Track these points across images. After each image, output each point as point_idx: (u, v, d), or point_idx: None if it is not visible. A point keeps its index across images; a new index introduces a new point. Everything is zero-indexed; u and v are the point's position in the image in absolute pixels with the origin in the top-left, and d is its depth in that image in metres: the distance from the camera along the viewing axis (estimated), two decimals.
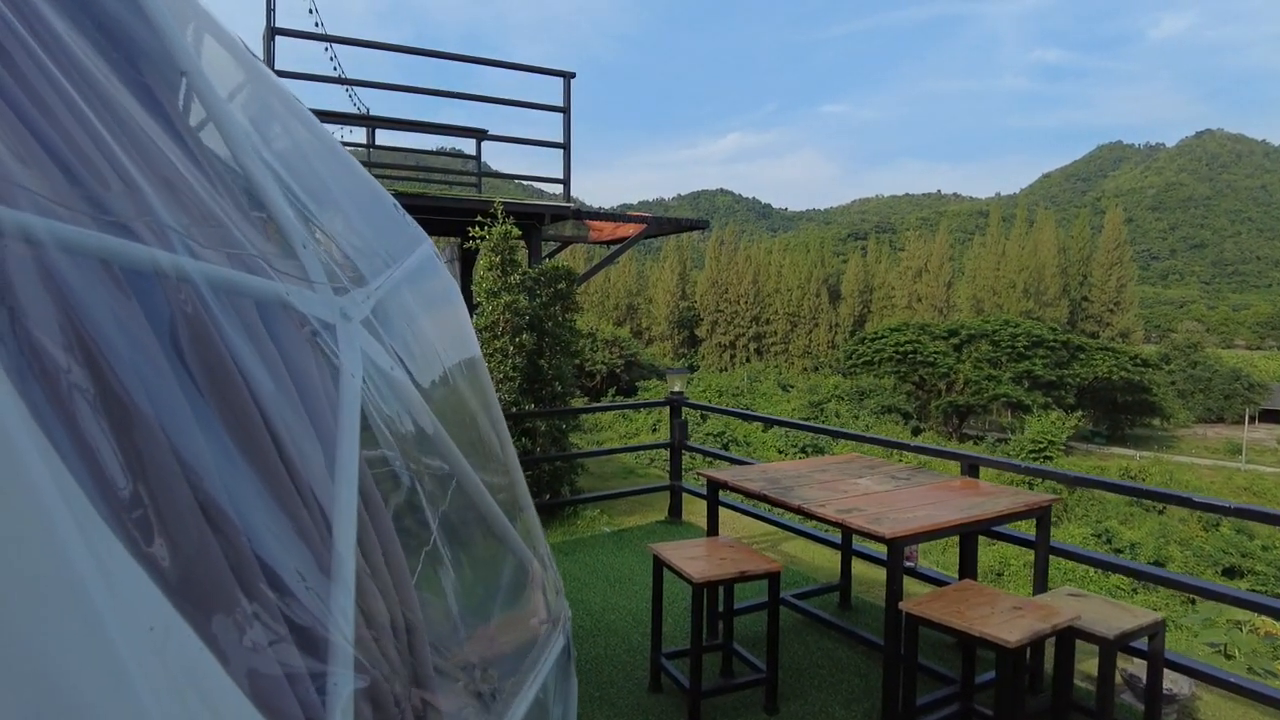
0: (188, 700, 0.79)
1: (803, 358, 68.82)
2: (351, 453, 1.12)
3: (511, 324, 6.97)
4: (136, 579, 0.79)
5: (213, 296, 1.01)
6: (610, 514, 7.02)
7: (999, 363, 44.47)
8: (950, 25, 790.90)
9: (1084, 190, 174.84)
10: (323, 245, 1.34)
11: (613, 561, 5.44)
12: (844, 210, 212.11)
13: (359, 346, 1.23)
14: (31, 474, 0.73)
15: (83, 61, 1.08)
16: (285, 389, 1.05)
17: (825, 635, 4.24)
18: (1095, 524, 25.17)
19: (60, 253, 0.86)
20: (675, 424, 6.60)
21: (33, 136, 0.94)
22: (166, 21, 1.28)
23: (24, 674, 0.70)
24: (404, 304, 1.55)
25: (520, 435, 7.03)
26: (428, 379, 1.49)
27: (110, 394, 0.86)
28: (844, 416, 40.33)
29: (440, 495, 1.38)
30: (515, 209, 7.69)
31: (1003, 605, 2.99)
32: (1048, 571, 3.68)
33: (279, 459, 1.01)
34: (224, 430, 0.95)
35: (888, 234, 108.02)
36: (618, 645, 4.12)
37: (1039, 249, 64.21)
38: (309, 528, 1.01)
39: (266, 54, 6.50)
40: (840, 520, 3.28)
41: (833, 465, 4.36)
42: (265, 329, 1.07)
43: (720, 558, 3.56)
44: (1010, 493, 3.75)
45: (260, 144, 1.36)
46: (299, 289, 1.17)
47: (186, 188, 1.09)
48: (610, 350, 49.29)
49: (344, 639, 0.98)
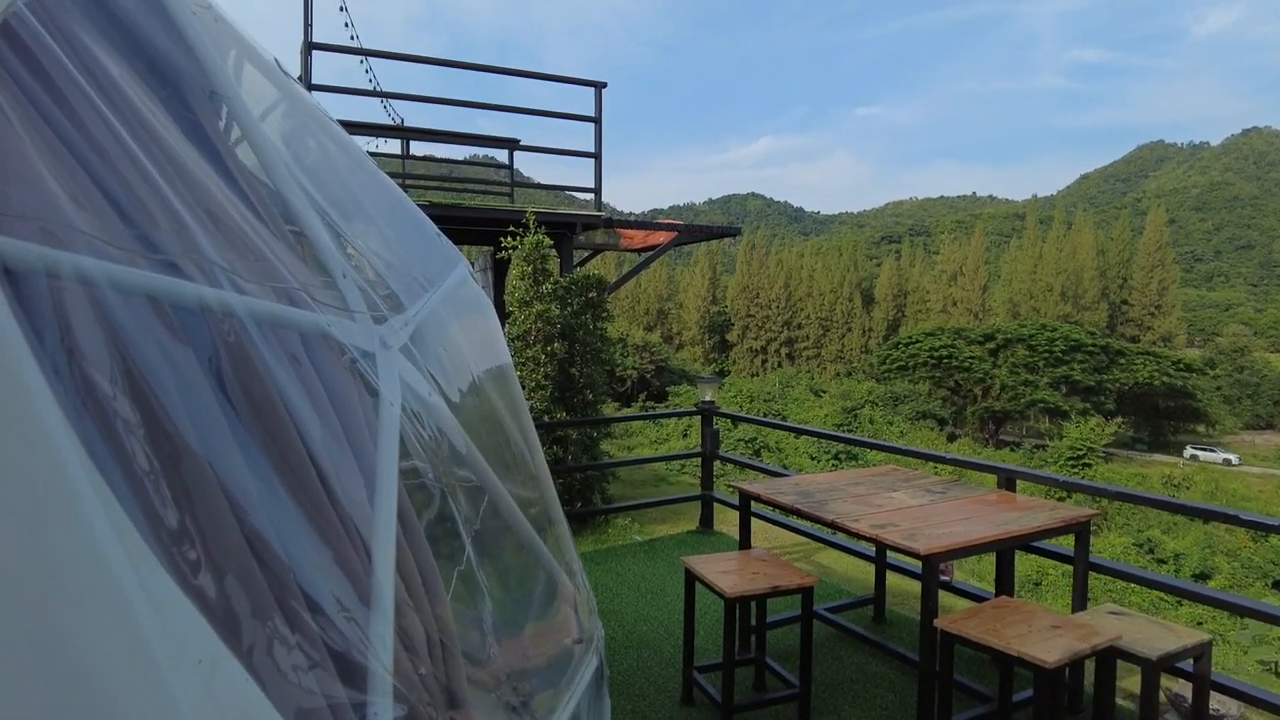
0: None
1: (835, 363, 68.23)
2: (390, 480, 1.14)
3: (543, 333, 7.02)
4: (185, 611, 0.82)
5: (256, 330, 1.04)
6: (641, 522, 7.03)
7: (1036, 368, 43.68)
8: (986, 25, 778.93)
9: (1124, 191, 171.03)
10: (362, 273, 1.36)
11: (644, 572, 5.44)
12: (877, 213, 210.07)
13: (398, 374, 1.26)
14: (85, 508, 0.76)
15: (135, 103, 1.12)
16: (326, 418, 1.07)
17: (859, 649, 4.19)
18: (1137, 533, 24.56)
19: (112, 292, 0.90)
20: (707, 433, 6.58)
21: (89, 179, 0.97)
22: (216, 64, 1.31)
23: (78, 704, 0.72)
24: (441, 328, 1.57)
25: (551, 443, 7.07)
26: (463, 401, 1.51)
27: (159, 428, 0.89)
28: (878, 422, 39.88)
29: (473, 514, 1.40)
30: (547, 218, 7.74)
31: (1040, 623, 2.93)
32: (1087, 588, 3.61)
33: (321, 488, 1.03)
34: (267, 462, 0.98)
35: (922, 237, 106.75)
36: (650, 657, 4.11)
37: (1077, 251, 62.97)
38: (349, 556, 1.03)
39: (304, 68, 6.63)
40: (875, 536, 3.25)
41: (867, 478, 4.32)
42: (308, 359, 1.10)
43: (753, 571, 3.55)
44: (1048, 507, 3.68)
45: (300, 174, 1.39)
46: (339, 319, 1.20)
47: (232, 223, 1.13)
48: (641, 355, 49.34)
49: (383, 668, 1.00)
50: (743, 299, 72.95)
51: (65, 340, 0.82)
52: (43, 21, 1.03)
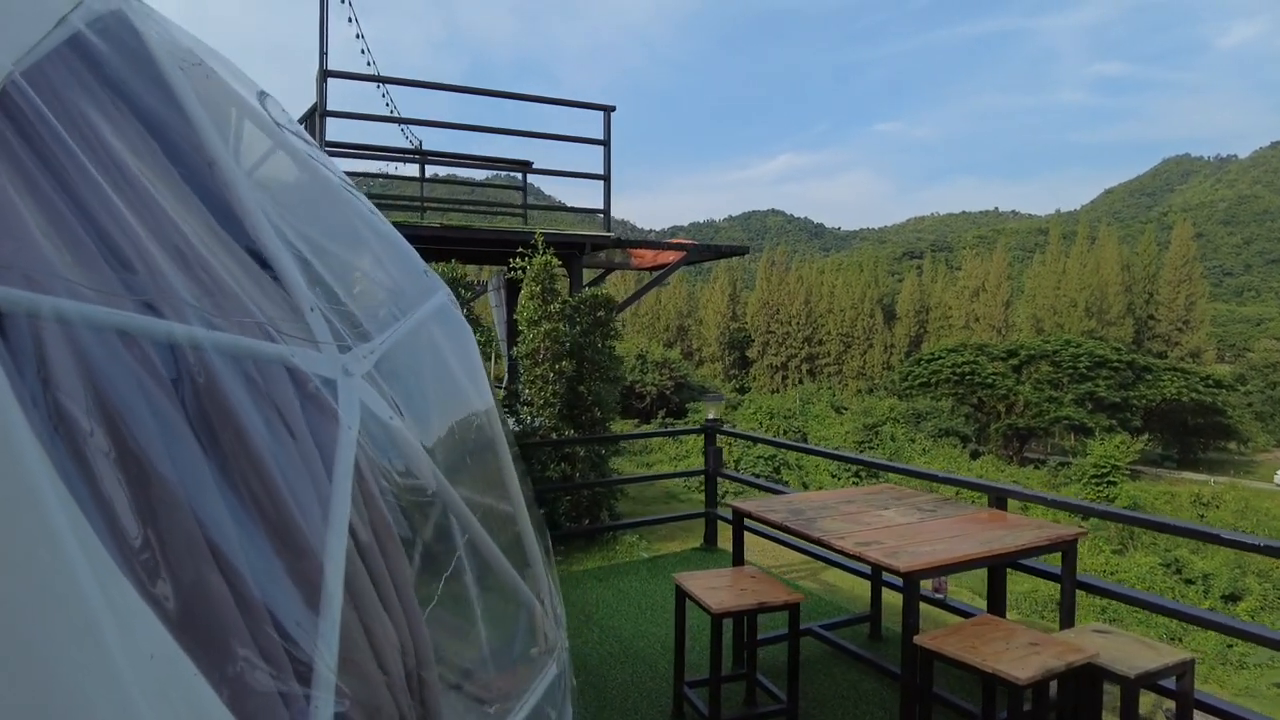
0: (181, 716, 0.92)
1: (857, 379, 67.83)
2: (344, 497, 1.25)
3: (551, 351, 7.15)
4: (140, 611, 0.93)
5: (221, 361, 1.16)
6: (649, 540, 7.10)
7: (1060, 384, 43.13)
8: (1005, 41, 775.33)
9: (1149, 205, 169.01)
10: (333, 306, 1.49)
11: (645, 588, 5.51)
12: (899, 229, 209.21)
13: (358, 399, 1.37)
14: (53, 523, 0.87)
15: (120, 155, 1.25)
16: (283, 441, 1.19)
17: (852, 667, 4.23)
18: (1164, 553, 24.09)
19: (86, 329, 1.02)
20: (710, 451, 6.66)
21: (71, 229, 1.10)
22: (198, 113, 1.45)
23: (41, 693, 0.84)
24: (410, 355, 1.69)
25: (560, 460, 7.18)
26: (427, 422, 1.62)
27: (125, 449, 1.01)
28: (900, 440, 39.55)
29: (428, 529, 1.51)
30: (556, 239, 7.90)
31: (1019, 640, 2.98)
32: (1074, 606, 3.64)
33: (277, 505, 1.14)
34: (226, 480, 1.10)
35: (944, 253, 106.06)
36: (645, 672, 4.19)
37: (1102, 266, 62.28)
38: (301, 567, 1.14)
39: (319, 95, 6.87)
40: (858, 553, 3.31)
41: (860, 496, 4.37)
42: (270, 387, 1.22)
43: (741, 588, 3.62)
44: (1035, 525, 3.72)
45: (278, 216, 1.52)
46: (304, 349, 1.32)
47: (206, 265, 1.25)
48: (660, 372, 49.41)
49: (327, 668, 1.11)
50: (763, 315, 72.87)
51: (41, 372, 0.94)
52: (35, 84, 1.17)
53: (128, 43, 1.42)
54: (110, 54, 1.35)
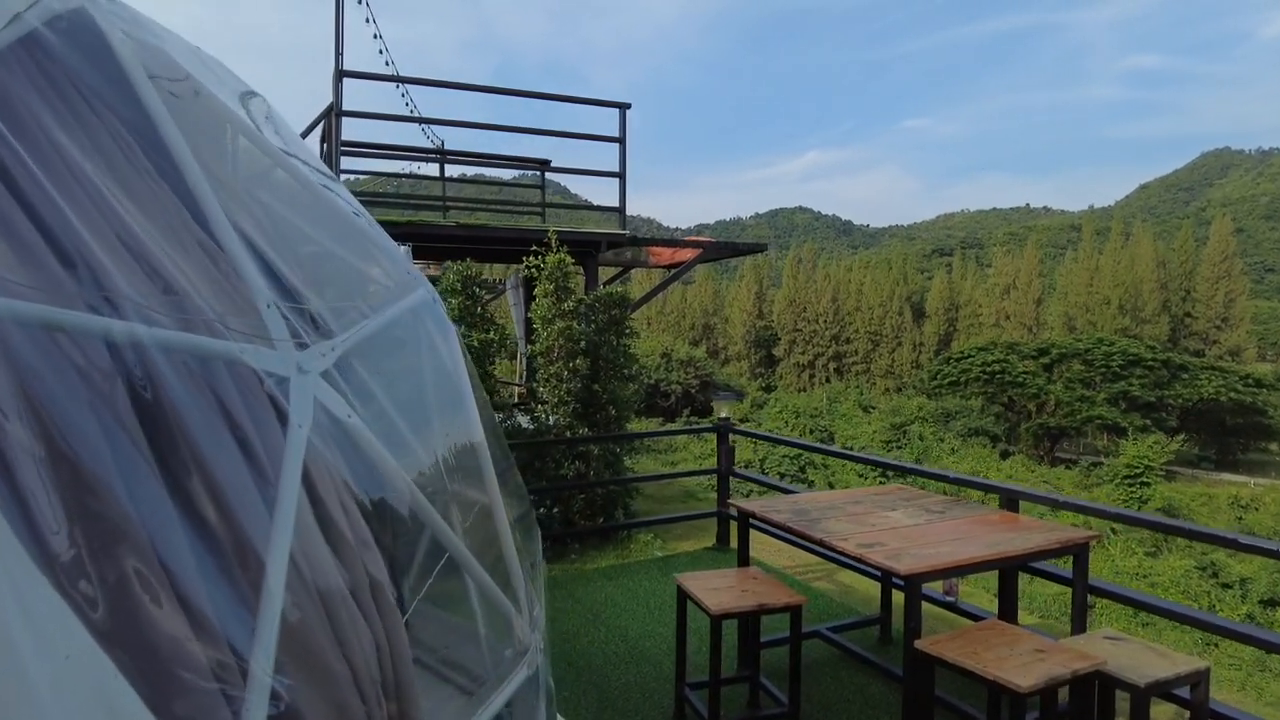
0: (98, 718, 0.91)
1: (885, 378, 67.16)
2: (291, 495, 1.23)
3: (566, 349, 7.14)
4: (59, 613, 0.92)
5: (162, 358, 1.14)
6: (665, 539, 7.07)
7: (1092, 383, 42.32)
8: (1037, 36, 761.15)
9: (1187, 201, 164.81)
10: (292, 303, 1.47)
11: (655, 588, 5.48)
12: (928, 226, 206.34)
13: (311, 397, 1.35)
14: None
15: (70, 153, 1.25)
16: (223, 438, 1.17)
17: (860, 670, 4.17)
18: (1200, 555, 23.48)
19: (14, 326, 1.01)
20: (722, 450, 6.61)
21: (10, 221, 1.09)
22: (159, 110, 1.44)
23: None
24: (378, 352, 1.67)
25: (574, 459, 7.17)
26: (391, 421, 1.61)
27: (52, 447, 1.00)
28: (928, 439, 39.04)
29: (392, 530, 1.49)
30: (570, 237, 7.90)
31: (1024, 647, 2.90)
32: (1085, 612, 3.54)
33: (214, 504, 1.13)
34: (160, 479, 1.08)
35: (974, 250, 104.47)
36: (649, 673, 4.16)
37: (1136, 263, 60.99)
38: (238, 567, 1.12)
39: (335, 95, 6.92)
40: (859, 555, 3.25)
41: (868, 496, 4.30)
42: (213, 384, 1.21)
43: (743, 589, 3.57)
44: (1045, 528, 3.63)
45: (238, 209, 1.51)
46: (255, 347, 1.30)
47: (154, 262, 1.24)
48: (685, 370, 49.33)
49: (263, 670, 1.09)
50: (789, 313, 72.43)
51: None
52: None
53: (88, 41, 1.41)
54: (67, 52, 1.35)
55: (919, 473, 5.37)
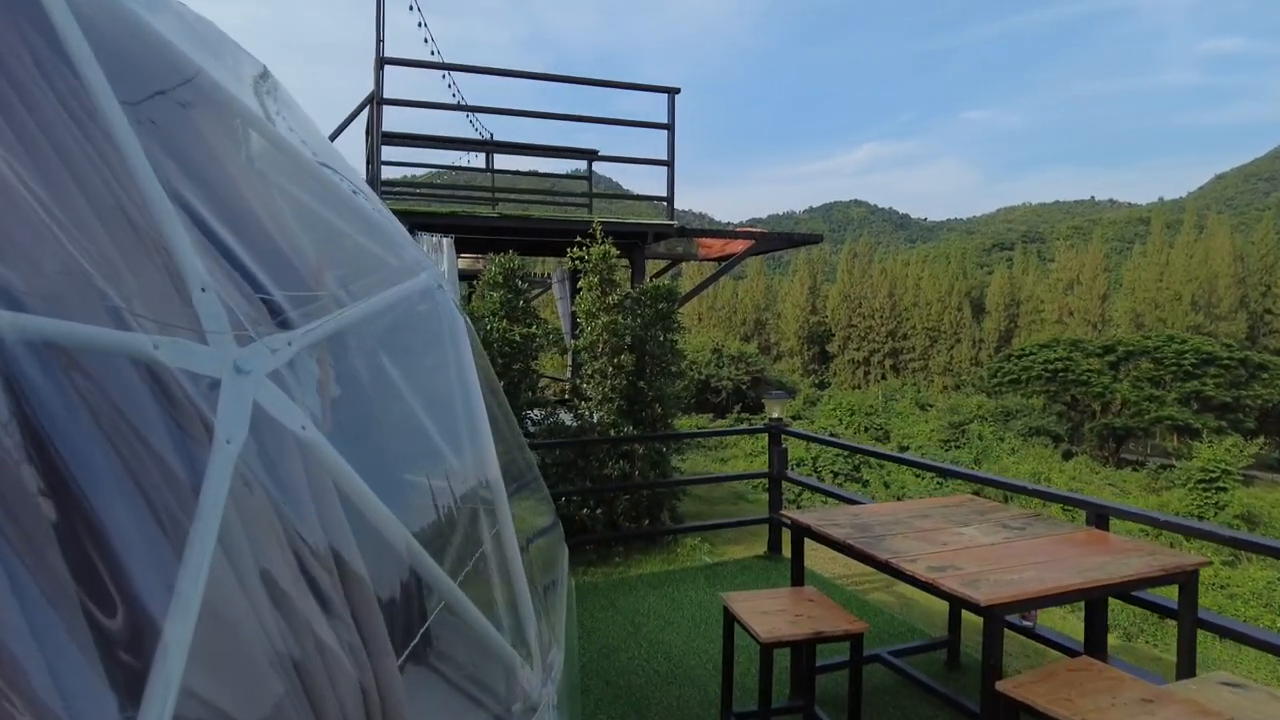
0: None
1: (943, 375, 65.27)
2: (209, 527, 0.94)
3: (610, 344, 6.85)
4: None
5: (28, 356, 0.87)
6: (714, 543, 6.74)
7: (1162, 382, 40.34)
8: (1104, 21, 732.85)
9: (1267, 191, 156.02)
10: (238, 288, 1.19)
11: (701, 598, 5.14)
12: (988, 219, 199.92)
13: (250, 403, 1.07)
14: None
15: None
16: (108, 457, 0.89)
17: (925, 700, 3.77)
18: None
19: None
20: (775, 452, 6.23)
21: None
22: (91, 69, 1.17)
23: None
24: (357, 347, 1.39)
25: (618, 458, 6.88)
26: (364, 431, 1.32)
27: None
28: (988, 439, 37.72)
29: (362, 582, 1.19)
30: (616, 229, 7.60)
31: (1128, 695, 2.49)
32: (1195, 651, 3.08)
33: (88, 547, 0.85)
34: (6, 516, 0.80)
35: (1036, 244, 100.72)
36: (692, 696, 3.83)
37: (1211, 257, 57.91)
38: (119, 647, 0.84)
39: (376, 83, 6.74)
40: (931, 580, 2.87)
41: (936, 509, 3.90)
42: (105, 388, 0.93)
43: (797, 613, 3.22)
44: (1145, 550, 3.18)
45: (185, 184, 1.24)
46: (174, 341, 1.02)
47: (40, 241, 0.97)
48: (736, 366, 48.68)
49: None
50: (844, 308, 70.93)
51: None
52: None
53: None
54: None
55: (989, 482, 4.89)
